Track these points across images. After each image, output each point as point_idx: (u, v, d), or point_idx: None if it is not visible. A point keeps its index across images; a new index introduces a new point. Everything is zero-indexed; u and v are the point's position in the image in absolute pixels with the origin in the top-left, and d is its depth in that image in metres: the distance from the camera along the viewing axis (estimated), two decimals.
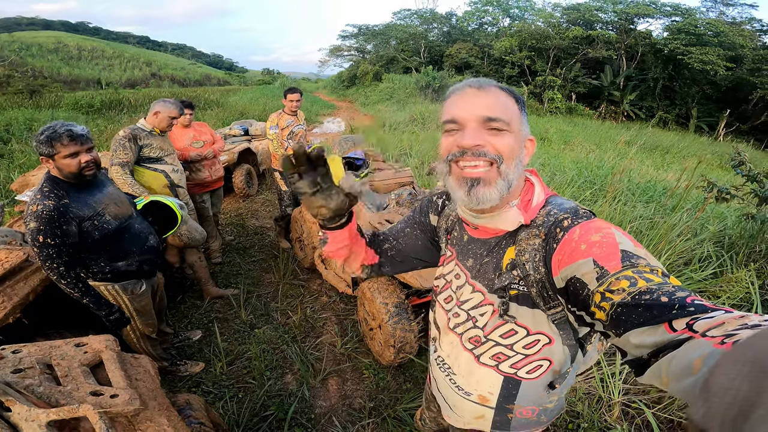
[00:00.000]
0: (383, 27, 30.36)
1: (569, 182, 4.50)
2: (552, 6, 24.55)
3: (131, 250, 1.86)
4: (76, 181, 1.68)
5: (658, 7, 20.65)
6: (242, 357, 2.40)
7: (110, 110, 13.17)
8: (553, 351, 0.80)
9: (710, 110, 19.31)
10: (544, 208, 0.75)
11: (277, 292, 3.10)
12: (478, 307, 0.83)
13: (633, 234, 3.04)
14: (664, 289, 0.50)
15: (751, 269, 2.60)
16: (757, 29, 19.88)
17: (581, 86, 21.22)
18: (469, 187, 0.71)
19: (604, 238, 0.61)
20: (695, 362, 0.39)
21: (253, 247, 3.92)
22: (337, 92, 28.30)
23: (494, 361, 0.84)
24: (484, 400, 0.91)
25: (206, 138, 3.33)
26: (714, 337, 0.40)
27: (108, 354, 1.26)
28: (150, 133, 2.62)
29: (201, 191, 3.28)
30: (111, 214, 1.78)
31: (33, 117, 9.85)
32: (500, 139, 0.69)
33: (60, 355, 1.23)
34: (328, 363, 2.37)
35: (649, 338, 0.48)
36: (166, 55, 63.12)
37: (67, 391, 1.08)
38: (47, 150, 1.58)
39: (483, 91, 0.71)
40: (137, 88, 24.21)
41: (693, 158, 10.71)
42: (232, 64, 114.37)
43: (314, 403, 2.09)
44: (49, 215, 1.56)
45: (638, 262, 0.56)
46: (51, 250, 1.57)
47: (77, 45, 39.67)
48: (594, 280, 0.58)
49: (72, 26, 79.69)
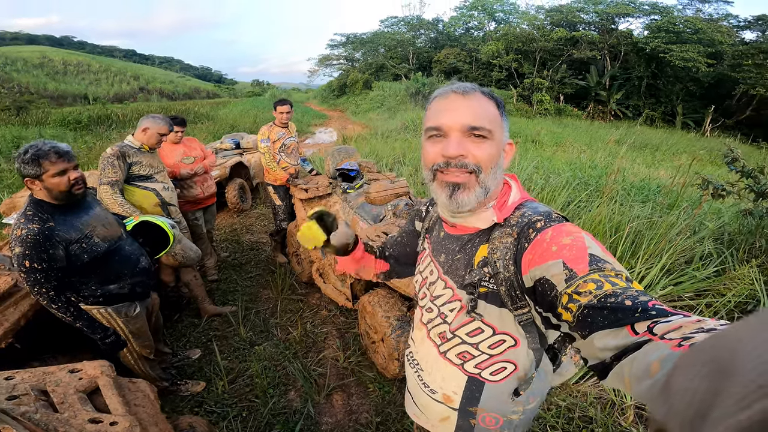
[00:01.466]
0: (371, 35, 30.55)
1: (564, 184, 4.50)
2: (535, 8, 25.00)
3: (122, 273, 1.81)
4: (64, 202, 1.63)
5: (637, 6, 21.05)
6: (244, 375, 2.34)
7: (98, 126, 13.03)
8: (518, 354, 0.81)
9: (695, 107, 19.64)
10: (519, 209, 0.78)
11: (276, 307, 3.04)
12: (448, 303, 0.85)
13: (633, 234, 3.04)
14: (628, 293, 0.52)
15: (753, 266, 2.60)
16: (734, 25, 20.32)
17: (568, 87, 21.49)
18: (451, 191, 0.74)
19: (574, 242, 0.63)
20: (653, 364, 0.40)
21: (250, 263, 3.86)
22: (327, 102, 28.36)
23: (460, 359, 0.86)
24: (448, 400, 0.92)
25: (196, 154, 3.26)
26: (672, 339, 0.41)
27: (104, 380, 1.23)
28: (139, 150, 2.54)
29: (193, 208, 3.21)
30: (99, 236, 1.73)
31: (20, 135, 9.70)
32: (481, 149, 0.72)
33: (54, 382, 1.20)
34: (332, 378, 2.32)
35: (612, 341, 0.49)
36: (154, 69, 62.89)
37: (65, 419, 1.06)
38: (33, 170, 1.52)
39: (467, 97, 0.73)
40: (125, 102, 24.02)
41: (683, 155, 10.86)
42: (221, 76, 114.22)
43: (320, 420, 2.04)
44: (34, 239, 1.51)
45: (605, 266, 0.58)
46: (38, 274, 1.53)
47: (63, 59, 39.33)
48: (563, 281, 0.59)
49: (57, 41, 79.18)
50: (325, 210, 0.95)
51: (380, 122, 14.27)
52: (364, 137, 10.77)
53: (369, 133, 11.50)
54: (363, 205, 2.85)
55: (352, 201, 2.96)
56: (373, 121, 15.09)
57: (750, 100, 17.93)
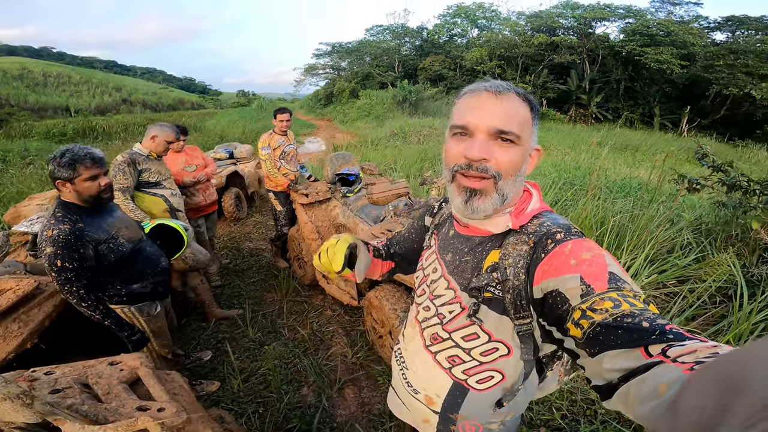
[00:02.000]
0: (357, 44, 30.86)
1: (551, 185, 4.72)
2: (516, 15, 25.63)
3: (145, 272, 1.89)
4: (91, 205, 1.69)
5: (612, 10, 21.78)
6: (256, 373, 2.43)
7: (83, 138, 12.93)
8: (508, 364, 0.80)
9: (671, 108, 20.28)
10: (537, 218, 0.75)
11: (282, 309, 3.14)
12: (449, 304, 0.83)
13: (617, 227, 3.24)
14: (646, 315, 0.51)
15: (731, 253, 2.81)
16: (704, 26, 21.11)
17: (550, 92, 22.05)
18: (468, 196, 0.73)
19: (594, 258, 0.62)
20: (661, 386, 0.39)
21: (251, 269, 3.94)
22: (314, 111, 28.46)
23: (449, 363, 0.85)
24: (430, 402, 0.91)
25: (198, 162, 3.34)
26: (684, 363, 0.41)
27: (144, 370, 1.30)
28: (147, 157, 2.63)
29: (196, 216, 3.29)
30: (124, 237, 1.81)
31: (5, 147, 9.57)
32: (505, 154, 0.70)
33: (96, 374, 1.25)
34: (342, 373, 2.43)
35: (624, 362, 0.48)
36: (136, 80, 62.16)
37: (113, 408, 1.10)
38: (68, 173, 1.58)
39: (500, 98, 0.69)
40: (108, 114, 23.74)
41: (661, 154, 11.29)
42: (205, 87, 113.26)
43: (334, 413, 2.14)
44: (65, 239, 1.56)
45: (623, 286, 0.57)
46: (69, 273, 1.58)
47: (42, 71, 38.54)
48: (578, 296, 0.58)
49: (35, 51, 77.59)
50: (353, 242, 0.94)
51: (368, 130, 14.45)
52: (354, 145, 10.92)
53: (358, 142, 11.65)
54: (363, 208, 2.98)
55: (351, 204, 3.09)
56: (362, 130, 15.27)
57: (724, 99, 18.56)
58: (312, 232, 3.03)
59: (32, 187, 6.13)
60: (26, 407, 0.93)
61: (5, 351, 1.65)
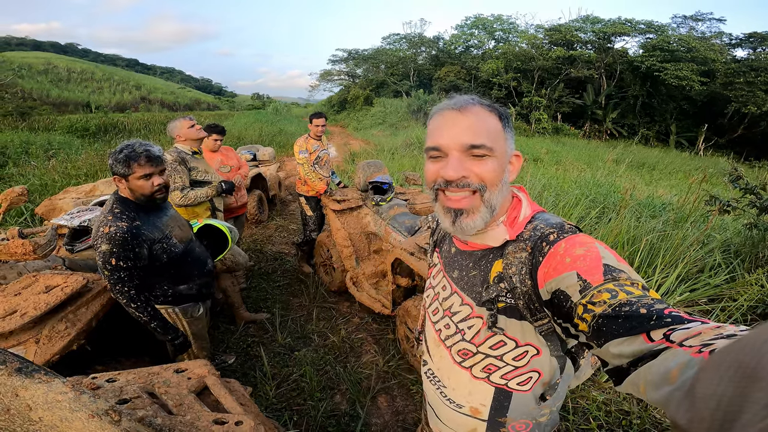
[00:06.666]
0: (373, 51, 31.18)
1: (575, 203, 4.70)
2: (534, 28, 25.70)
3: (193, 274, 1.88)
4: (146, 203, 1.68)
5: (633, 25, 21.69)
6: (288, 379, 2.43)
7: (105, 134, 13.16)
8: (542, 362, 0.81)
9: (688, 125, 20.12)
10: (531, 223, 0.77)
11: (311, 315, 3.15)
12: (467, 320, 0.84)
13: (648, 247, 3.23)
14: (643, 302, 0.52)
15: (761, 273, 2.82)
16: (726, 43, 20.87)
17: (565, 106, 22.00)
18: (454, 217, 0.74)
19: (588, 252, 0.63)
20: (672, 371, 0.40)
21: (276, 272, 3.97)
22: (328, 117, 28.67)
23: (485, 372, 0.85)
24: (476, 413, 0.91)
25: (233, 163, 3.38)
26: (691, 346, 0.41)
27: (212, 379, 1.22)
28: (192, 155, 2.66)
29: (226, 217, 3.30)
30: (177, 237, 1.80)
31: (29, 140, 9.73)
32: (483, 167, 0.71)
33: (164, 382, 1.17)
34: (375, 381, 2.43)
35: (628, 348, 0.49)
36: (155, 79, 63.21)
37: (188, 421, 1.00)
38: (123, 170, 1.57)
39: (464, 112, 0.71)
40: (127, 111, 24.15)
41: (678, 173, 11.19)
42: (221, 88, 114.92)
43: (369, 421, 2.14)
44: (122, 237, 1.53)
45: (619, 275, 0.59)
46: (123, 273, 1.55)
47: (67, 67, 39.35)
48: (577, 292, 0.60)
49: (61, 47, 79.42)
50: None
51: (383, 139, 14.52)
52: (370, 153, 10.97)
53: (374, 150, 11.71)
54: (396, 217, 2.99)
55: (384, 213, 3.10)
56: (376, 138, 15.34)
57: (742, 118, 18.37)
58: (345, 239, 3.05)
59: (56, 179, 6.21)
60: (114, 424, 0.81)
61: (50, 353, 1.54)
